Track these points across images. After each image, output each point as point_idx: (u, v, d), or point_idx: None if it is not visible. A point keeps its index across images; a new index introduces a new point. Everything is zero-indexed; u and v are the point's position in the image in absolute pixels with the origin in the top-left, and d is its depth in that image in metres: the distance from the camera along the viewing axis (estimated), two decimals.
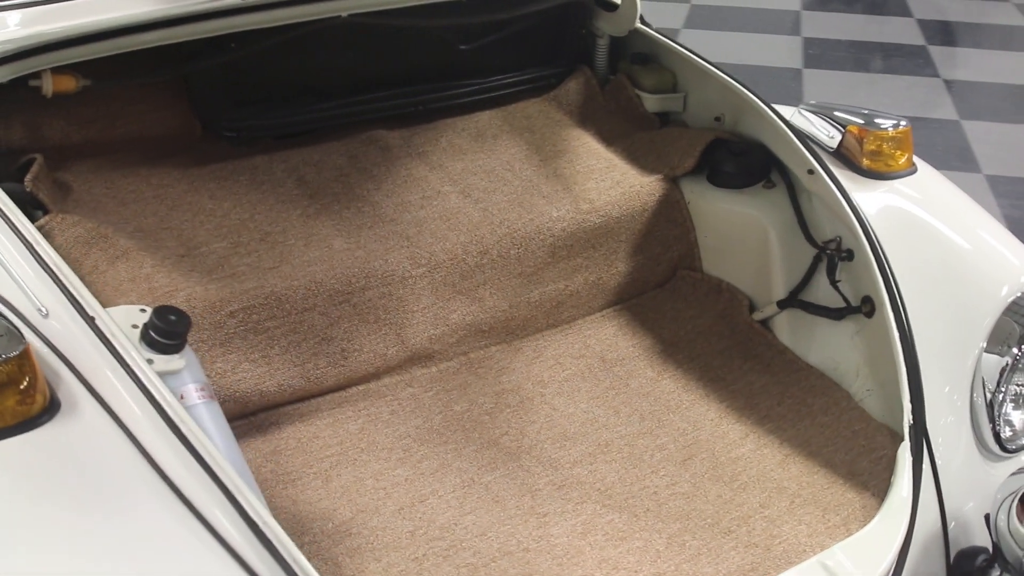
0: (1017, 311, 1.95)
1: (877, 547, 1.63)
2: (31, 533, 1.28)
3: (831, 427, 1.98)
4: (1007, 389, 1.89)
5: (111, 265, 1.90)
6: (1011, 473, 1.84)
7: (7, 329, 1.42)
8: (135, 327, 1.53)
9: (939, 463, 1.84)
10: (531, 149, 2.41)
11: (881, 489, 1.80)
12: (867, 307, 2.03)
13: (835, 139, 2.16)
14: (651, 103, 2.54)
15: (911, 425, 1.78)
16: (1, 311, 1.51)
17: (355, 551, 1.70)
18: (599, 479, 1.86)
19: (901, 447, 1.77)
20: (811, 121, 2.22)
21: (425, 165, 2.31)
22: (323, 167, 2.26)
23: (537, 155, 2.39)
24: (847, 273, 2.10)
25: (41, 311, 1.52)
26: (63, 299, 1.50)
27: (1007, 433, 1.91)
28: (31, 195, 1.91)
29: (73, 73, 1.99)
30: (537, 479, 1.86)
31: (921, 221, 2.07)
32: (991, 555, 1.73)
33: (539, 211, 2.21)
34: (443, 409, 2.01)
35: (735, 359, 2.18)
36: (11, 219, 1.63)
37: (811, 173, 2.08)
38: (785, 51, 6.29)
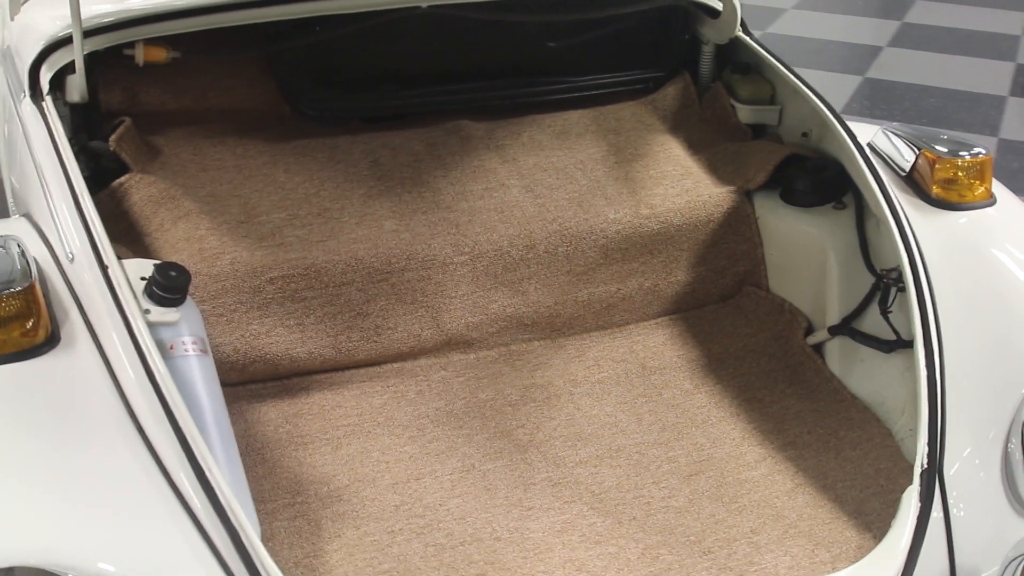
0: None
1: None
2: None
3: (855, 463, 1.89)
4: None
5: (174, 224, 2.05)
6: None
7: (24, 268, 1.58)
8: (143, 279, 1.65)
9: (958, 514, 1.72)
10: (610, 151, 2.41)
11: (884, 533, 1.71)
12: None
13: (909, 163, 2.06)
14: (744, 114, 2.48)
15: (924, 469, 1.68)
16: (31, 250, 1.67)
17: (339, 516, 1.77)
18: (597, 482, 1.86)
19: (907, 491, 1.67)
20: (893, 143, 2.12)
21: (498, 158, 2.35)
22: (400, 152, 2.34)
23: (613, 157, 2.39)
24: (902, 305, 1.99)
25: (69, 256, 1.67)
26: (88, 248, 1.65)
27: None
28: (114, 154, 2.09)
29: (164, 45, 2.16)
30: (536, 474, 1.87)
31: (986, 256, 1.94)
32: None
33: (597, 211, 2.21)
34: (468, 395, 2.06)
35: (779, 382, 2.12)
36: (68, 173, 1.79)
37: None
38: (992, 77, 5.91)
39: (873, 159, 2.13)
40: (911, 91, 5.43)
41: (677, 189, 2.29)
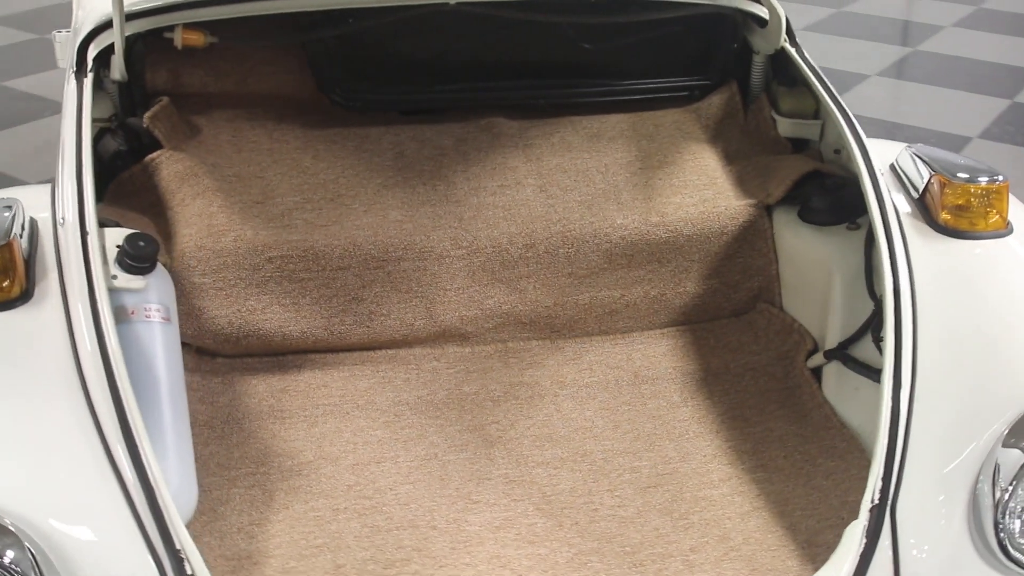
0: None
1: None
2: None
3: (823, 492, 1.82)
4: (1014, 487, 1.64)
5: (192, 200, 2.16)
6: None
7: (6, 228, 1.70)
8: (118, 247, 1.76)
9: (915, 555, 1.63)
10: (638, 156, 2.39)
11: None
12: None
13: (922, 186, 1.96)
14: (784, 127, 2.41)
15: (875, 505, 1.61)
16: (38, 214, 1.80)
17: (294, 489, 1.83)
18: (551, 484, 1.85)
19: (851, 526, 1.60)
20: (915, 164, 2.03)
21: (523, 156, 2.37)
22: (426, 145, 2.39)
23: (640, 163, 2.37)
24: None
25: (60, 221, 1.79)
26: (76, 214, 1.76)
27: (1017, 537, 1.65)
28: (147, 130, 2.22)
29: (202, 30, 2.27)
30: (494, 470, 1.89)
31: (982, 289, 1.83)
32: None
33: (604, 216, 2.20)
34: (453, 387, 2.09)
35: (771, 403, 2.06)
36: (81, 143, 1.91)
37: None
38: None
39: (892, 180, 2.04)
40: None
41: (695, 199, 2.25)
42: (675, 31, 2.51)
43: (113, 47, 2.16)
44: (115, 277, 1.71)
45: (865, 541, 1.58)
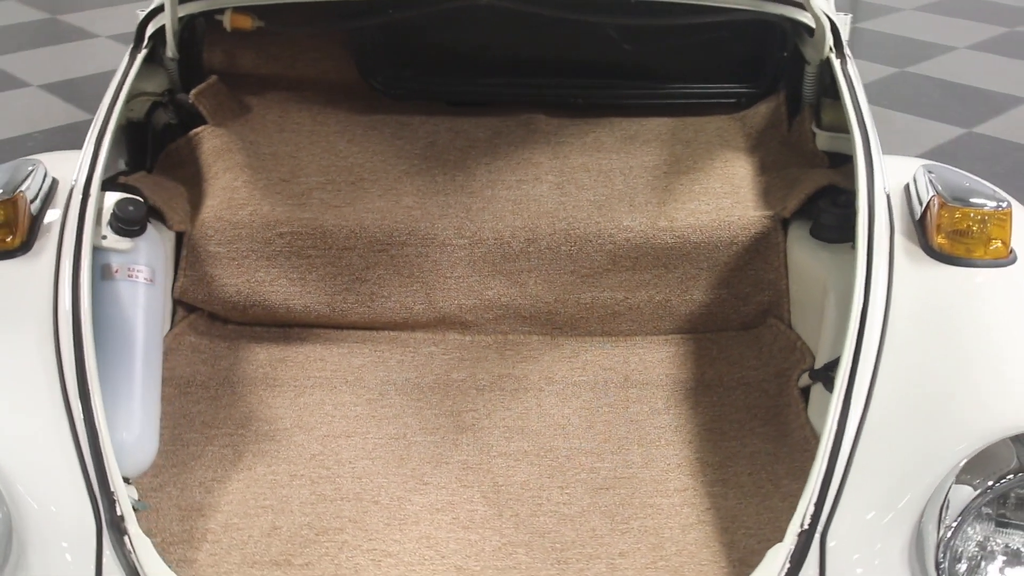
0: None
1: None
2: None
3: (776, 512, 1.78)
4: (958, 523, 1.55)
5: (222, 174, 2.29)
6: None
7: (15, 184, 1.86)
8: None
9: None
10: (667, 160, 2.37)
11: None
12: None
13: (922, 207, 1.87)
14: (823, 141, 2.34)
15: (804, 530, 1.56)
16: (63, 175, 1.95)
17: (262, 453, 1.92)
18: (506, 475, 1.88)
19: (773, 549, 1.56)
20: (925, 184, 1.94)
21: (550, 153, 2.39)
22: (460, 136, 2.44)
23: (666, 167, 2.35)
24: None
25: (73, 182, 1.94)
26: (85, 177, 1.91)
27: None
28: (192, 106, 2.36)
29: (251, 14, 2.39)
30: (455, 455, 1.92)
31: (961, 319, 1.73)
32: None
33: (612, 217, 2.19)
34: (443, 372, 2.13)
35: (755, 419, 2.01)
36: (110, 113, 2.06)
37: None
38: None
39: (902, 200, 1.96)
40: None
41: (710, 207, 2.21)
42: (722, 37, 2.47)
43: (177, 24, 2.31)
44: (104, 237, 1.84)
45: (789, 566, 1.53)
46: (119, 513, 1.55)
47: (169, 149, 2.38)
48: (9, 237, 1.81)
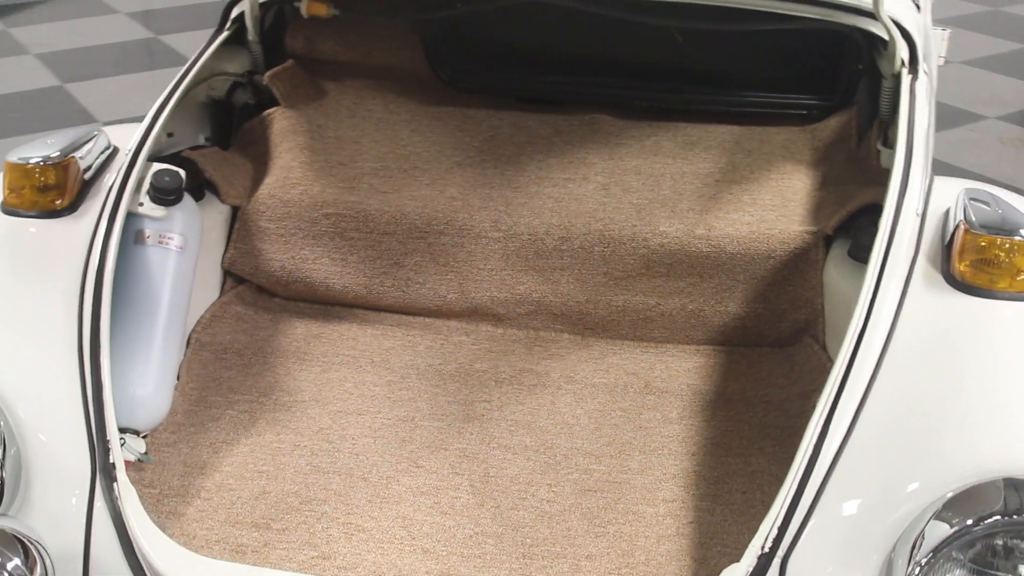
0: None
1: None
2: None
3: (751, 535, 1.72)
4: (929, 560, 1.47)
5: (284, 154, 2.38)
6: None
7: (68, 149, 1.99)
8: None
9: None
10: (722, 169, 2.32)
11: None
12: None
13: (950, 233, 1.78)
14: (886, 158, 2.24)
15: (764, 553, 1.52)
16: (105, 141, 2.09)
17: (275, 422, 2.00)
18: (498, 467, 1.89)
19: (729, 569, 1.52)
20: (964, 206, 1.84)
21: (605, 154, 2.38)
22: (522, 131, 2.46)
23: (719, 175, 2.30)
24: None
25: (127, 151, 2.07)
26: (134, 147, 2.03)
27: None
28: (266, 88, 2.47)
29: (327, 2, 2.48)
30: (456, 443, 1.95)
31: (980, 353, 1.63)
32: None
33: (650, 221, 2.17)
34: (467, 362, 2.16)
35: (767, 439, 1.95)
36: (173, 90, 2.18)
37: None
38: None
39: (939, 223, 1.86)
40: None
41: (753, 218, 2.16)
42: (794, 46, 2.40)
43: (257, 9, 2.43)
44: (141, 204, 1.95)
45: None
46: (111, 461, 1.65)
47: (245, 127, 2.50)
48: (58, 200, 1.95)
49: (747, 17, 2.27)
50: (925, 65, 2.25)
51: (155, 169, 1.99)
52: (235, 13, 2.44)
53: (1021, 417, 1.54)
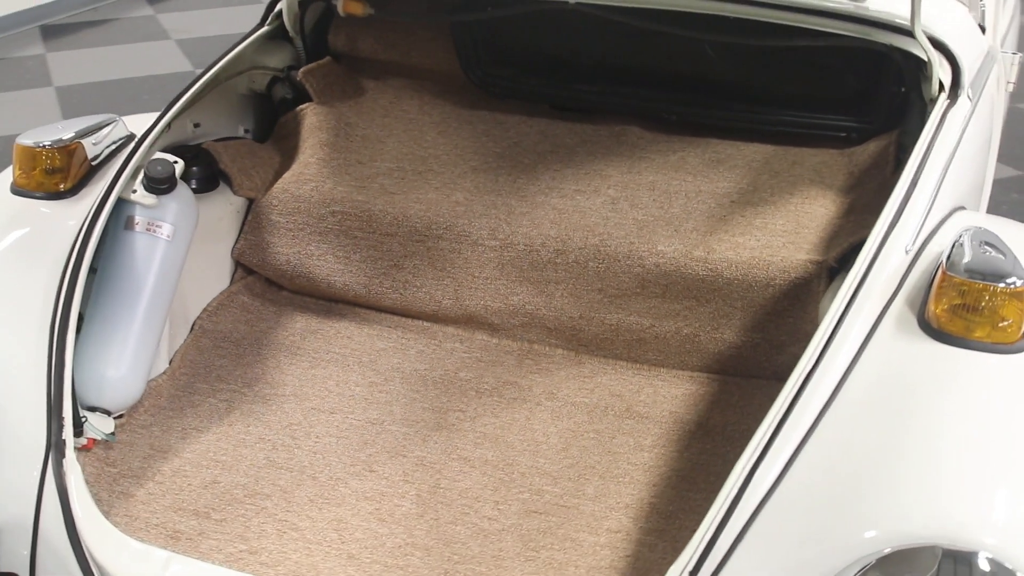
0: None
1: None
2: None
3: None
4: None
5: (307, 150, 2.41)
6: None
7: (78, 135, 2.06)
8: None
9: None
10: (742, 189, 2.22)
11: None
12: None
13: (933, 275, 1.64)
14: None
15: None
16: (120, 128, 2.16)
17: (249, 413, 2.03)
18: (450, 479, 1.86)
19: None
20: (955, 245, 1.70)
21: (624, 168, 2.31)
22: (547, 139, 2.42)
23: (736, 196, 2.20)
24: None
25: (134, 136, 2.13)
26: (141, 134, 2.09)
27: None
28: (300, 83, 2.51)
29: (363, 1, 2.49)
30: (417, 450, 1.93)
31: (939, 406, 1.49)
32: None
33: (648, 239, 2.09)
34: (452, 370, 2.14)
35: None
36: (198, 81, 2.24)
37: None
38: None
39: (934, 261, 1.73)
40: None
41: (757, 243, 2.05)
42: (833, 65, 2.27)
43: (295, 6, 2.47)
44: (135, 191, 2.01)
45: None
46: (64, 437, 1.71)
47: (280, 121, 2.54)
48: (62, 183, 2.03)
49: (775, 33, 2.16)
50: (970, 91, 2.09)
51: (150, 158, 2.05)
52: (277, 9, 2.49)
53: (957, 482, 1.40)
